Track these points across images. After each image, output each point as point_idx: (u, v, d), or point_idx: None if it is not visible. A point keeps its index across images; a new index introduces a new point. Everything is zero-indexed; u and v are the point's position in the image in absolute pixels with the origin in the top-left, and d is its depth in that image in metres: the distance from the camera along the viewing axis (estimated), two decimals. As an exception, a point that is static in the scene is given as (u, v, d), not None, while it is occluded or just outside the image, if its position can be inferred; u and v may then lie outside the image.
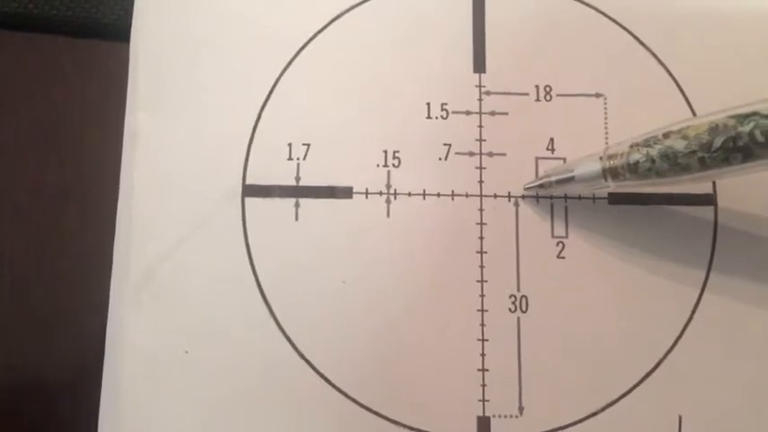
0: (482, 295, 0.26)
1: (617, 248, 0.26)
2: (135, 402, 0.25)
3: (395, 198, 0.27)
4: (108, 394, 0.25)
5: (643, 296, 0.26)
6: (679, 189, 0.27)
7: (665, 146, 0.23)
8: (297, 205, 0.27)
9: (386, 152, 0.27)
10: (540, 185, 0.26)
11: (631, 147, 0.24)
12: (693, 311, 0.26)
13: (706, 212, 0.27)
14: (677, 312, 0.26)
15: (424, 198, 0.27)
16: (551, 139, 0.27)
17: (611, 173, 0.24)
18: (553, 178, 0.26)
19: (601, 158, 0.25)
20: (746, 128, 0.22)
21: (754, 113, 0.22)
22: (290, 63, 0.28)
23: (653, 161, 0.23)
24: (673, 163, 0.23)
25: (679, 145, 0.23)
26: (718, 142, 0.22)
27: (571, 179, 0.25)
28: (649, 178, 0.24)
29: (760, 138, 0.22)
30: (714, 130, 0.22)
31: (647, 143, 0.24)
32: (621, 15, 0.28)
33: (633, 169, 0.24)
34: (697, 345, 0.26)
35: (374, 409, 0.25)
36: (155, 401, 0.25)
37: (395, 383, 0.25)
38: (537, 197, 0.27)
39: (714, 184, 0.27)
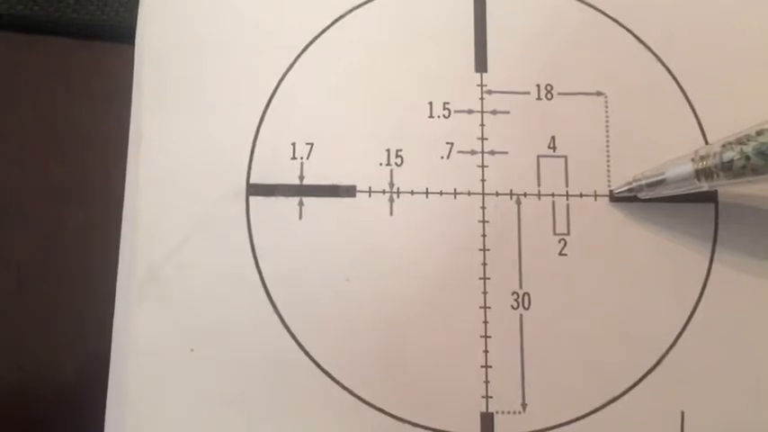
0: (485, 292, 0.26)
1: (618, 246, 0.27)
2: (141, 400, 0.25)
3: (398, 196, 0.27)
4: (114, 392, 0.25)
5: (645, 293, 0.26)
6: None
7: (759, 142, 0.23)
8: (301, 204, 0.27)
9: (389, 151, 0.27)
10: (630, 189, 0.26)
11: (723, 146, 0.24)
12: (695, 308, 0.26)
13: (707, 210, 0.27)
14: (679, 309, 0.26)
15: (427, 196, 0.27)
16: (552, 138, 0.27)
17: (703, 173, 0.24)
18: (644, 182, 0.26)
19: (692, 160, 0.24)
20: None
21: None
22: (293, 63, 0.28)
23: (747, 158, 0.23)
24: None
25: None
26: None
27: (662, 182, 0.25)
28: (744, 176, 0.24)
29: None
30: None
31: (740, 141, 0.23)
32: (622, 15, 0.28)
33: (727, 168, 0.24)
34: (699, 341, 0.26)
35: (378, 405, 0.25)
36: (160, 399, 0.25)
37: (399, 380, 0.26)
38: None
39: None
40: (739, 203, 0.27)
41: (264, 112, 0.27)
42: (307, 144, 0.27)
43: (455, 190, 0.27)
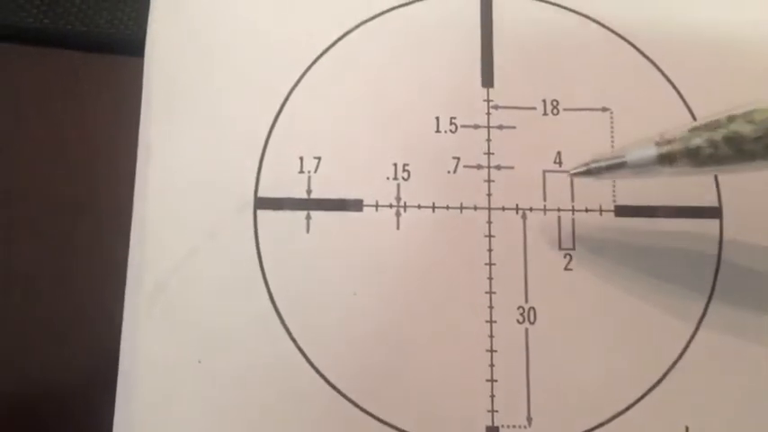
0: (491, 307, 0.26)
1: (623, 261, 0.27)
2: (149, 412, 0.25)
3: (404, 211, 0.27)
4: (122, 404, 0.25)
5: (649, 307, 0.26)
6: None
7: (729, 130, 0.21)
8: (308, 218, 0.27)
9: (396, 165, 0.27)
10: (587, 171, 0.24)
11: (691, 131, 0.22)
12: (699, 323, 0.26)
13: (712, 225, 0.27)
14: (683, 324, 0.26)
15: (434, 211, 0.27)
16: (558, 153, 0.28)
17: (667, 158, 0.22)
18: (603, 164, 0.24)
19: (657, 143, 0.22)
20: None
21: None
22: (301, 77, 0.28)
23: (716, 147, 0.21)
24: (737, 150, 0.21)
25: (745, 129, 0.21)
26: None
27: (622, 165, 0.23)
28: (709, 165, 0.22)
29: None
30: None
31: (708, 127, 0.22)
32: (627, 31, 0.29)
33: (693, 154, 0.22)
34: (703, 356, 0.26)
35: (384, 419, 0.26)
36: (168, 411, 0.25)
37: (405, 394, 0.26)
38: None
39: (720, 197, 0.27)
40: (744, 219, 0.27)
41: (273, 126, 0.28)
42: (314, 158, 0.27)
43: (461, 204, 0.27)
